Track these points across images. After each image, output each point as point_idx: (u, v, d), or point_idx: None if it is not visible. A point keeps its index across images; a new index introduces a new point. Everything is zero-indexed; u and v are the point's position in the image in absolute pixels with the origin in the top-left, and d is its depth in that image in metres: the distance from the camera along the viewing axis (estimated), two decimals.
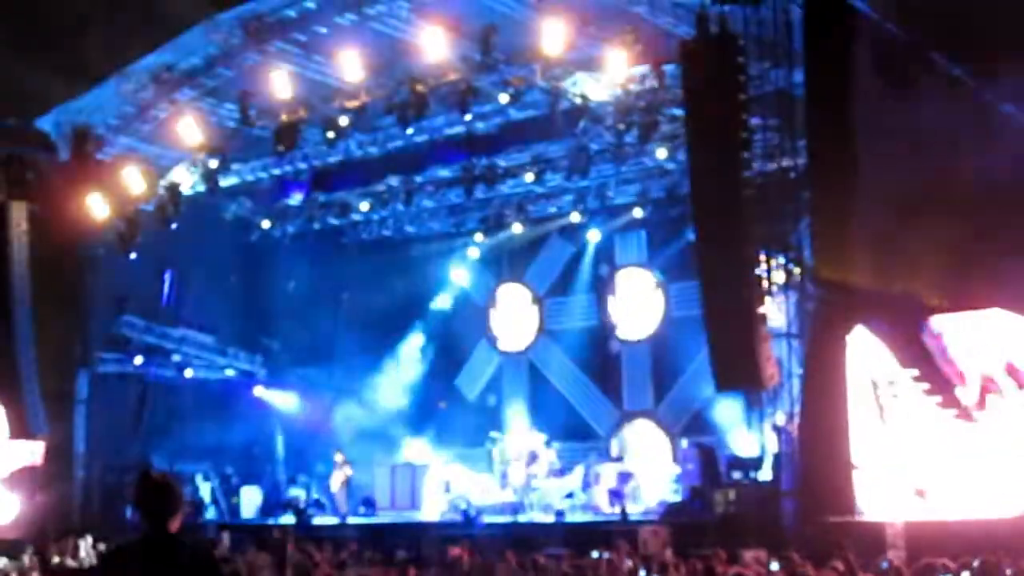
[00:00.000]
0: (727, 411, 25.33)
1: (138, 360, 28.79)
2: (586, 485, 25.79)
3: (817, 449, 19.17)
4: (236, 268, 31.15)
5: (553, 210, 29.22)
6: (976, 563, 11.87)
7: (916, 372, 18.91)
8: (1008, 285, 18.16)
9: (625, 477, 25.24)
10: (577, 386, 29.88)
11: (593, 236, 29.32)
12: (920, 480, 18.50)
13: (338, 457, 27.95)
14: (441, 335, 31.80)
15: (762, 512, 19.61)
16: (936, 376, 18.80)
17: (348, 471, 27.79)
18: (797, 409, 19.54)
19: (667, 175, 26.16)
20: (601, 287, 29.81)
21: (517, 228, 29.69)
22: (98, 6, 22.68)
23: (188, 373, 29.93)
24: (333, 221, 30.34)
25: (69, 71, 23.82)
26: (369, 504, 27.62)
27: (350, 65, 22.44)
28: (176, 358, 29.75)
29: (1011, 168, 18.25)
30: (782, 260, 20.03)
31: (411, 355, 31.53)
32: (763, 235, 19.53)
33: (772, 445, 20.52)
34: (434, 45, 21.44)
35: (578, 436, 28.85)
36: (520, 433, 28.61)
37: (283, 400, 31.57)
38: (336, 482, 27.78)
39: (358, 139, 25.65)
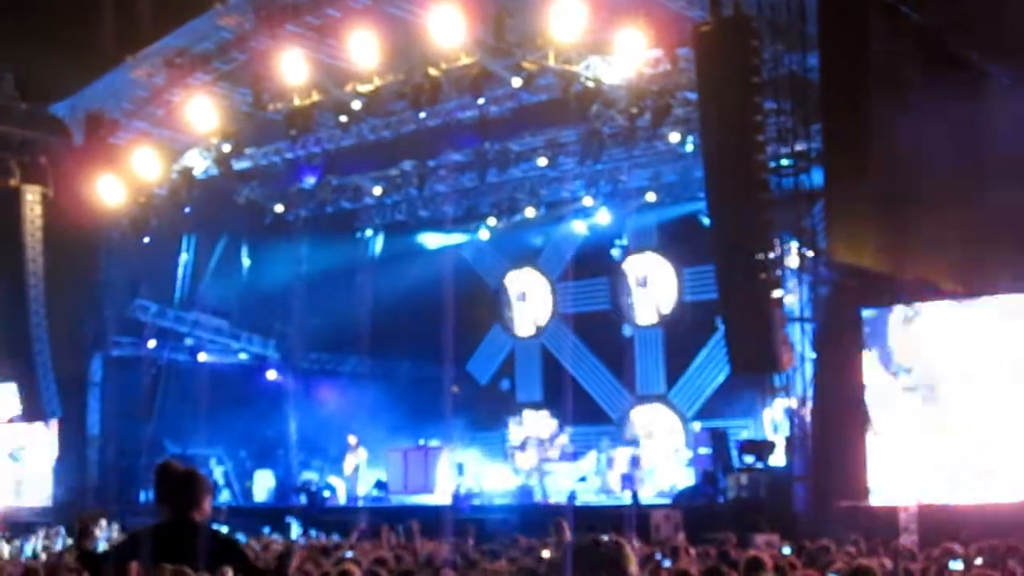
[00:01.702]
0: (740, 395, 25.31)
1: (151, 343, 28.85)
2: (599, 469, 25.82)
3: (830, 433, 19.17)
4: (249, 252, 31.21)
5: (566, 194, 29.20)
6: (990, 547, 11.84)
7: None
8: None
9: (638, 461, 25.26)
10: (590, 370, 29.90)
11: (606, 220, 29.29)
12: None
13: (351, 440, 27.98)
14: (454, 319, 31.77)
15: (774, 496, 19.61)
16: None
17: (362, 454, 27.83)
18: (810, 393, 19.51)
19: (680, 159, 26.10)
20: (614, 271, 29.80)
21: (530, 212, 29.69)
22: None
23: (201, 357, 29.98)
24: (346, 205, 30.37)
25: (83, 57, 23.83)
26: (381, 487, 27.70)
27: (363, 49, 22.37)
28: (189, 342, 29.82)
29: None
30: (796, 244, 19.99)
31: (423, 339, 31.53)
32: (777, 219, 19.47)
33: (785, 429, 20.50)
34: (447, 29, 21.38)
35: (591, 420, 28.86)
36: (533, 417, 28.63)
37: (296, 384, 31.62)
38: (349, 465, 27.83)
39: (371, 123, 25.60)
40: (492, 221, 30.80)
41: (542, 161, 26.88)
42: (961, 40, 19.57)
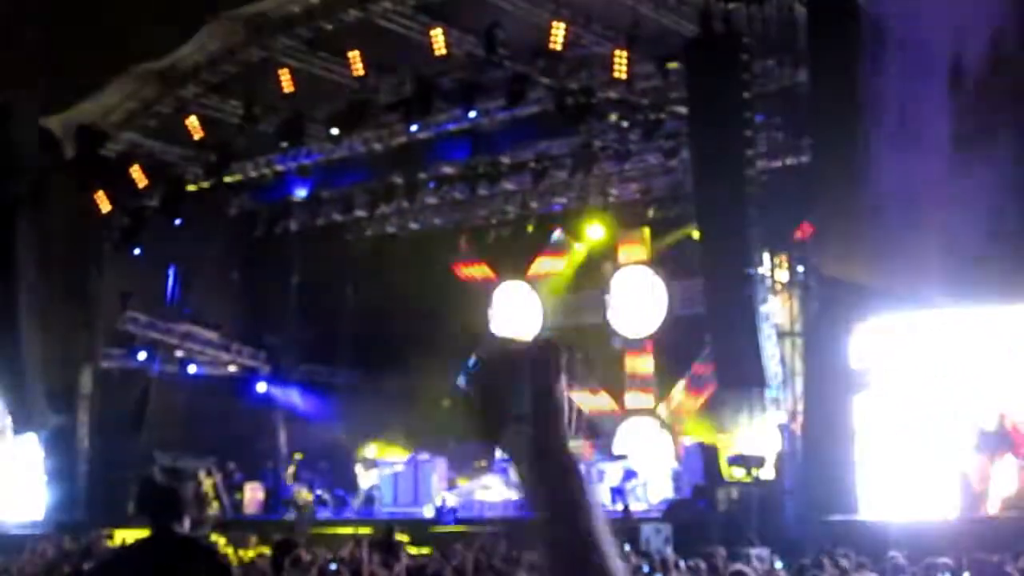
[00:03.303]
0: (730, 409, 25.29)
1: (142, 356, 28.82)
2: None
3: (820, 447, 19.19)
4: (240, 264, 31.19)
5: (557, 207, 29.19)
6: (978, 562, 11.86)
7: None
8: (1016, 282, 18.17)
9: (628, 475, 25.24)
10: (580, 384, 29.82)
11: (596, 233, 29.26)
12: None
13: (368, 452, 27.77)
14: (444, 332, 31.77)
15: (765, 510, 19.61)
16: None
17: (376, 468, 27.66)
18: (800, 407, 19.53)
19: (671, 173, 26.13)
20: (605, 284, 29.79)
21: (520, 225, 29.69)
22: (105, 6, 22.66)
23: (192, 369, 29.94)
24: (337, 217, 30.33)
25: (74, 69, 23.81)
26: (371, 500, 27.66)
27: (354, 61, 22.43)
28: (180, 354, 29.78)
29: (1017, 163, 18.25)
30: (786, 258, 20.03)
31: (415, 351, 31.52)
32: (767, 233, 19.52)
33: (775, 443, 20.52)
34: (438, 42, 21.43)
35: (581, 434, 28.81)
36: None
37: (286, 396, 31.58)
38: (368, 478, 27.67)
39: (362, 135, 25.64)
40: (483, 234, 30.80)
41: (533, 174, 26.88)
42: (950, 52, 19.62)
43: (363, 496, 27.92)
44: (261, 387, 31.53)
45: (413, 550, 18.27)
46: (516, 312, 31.54)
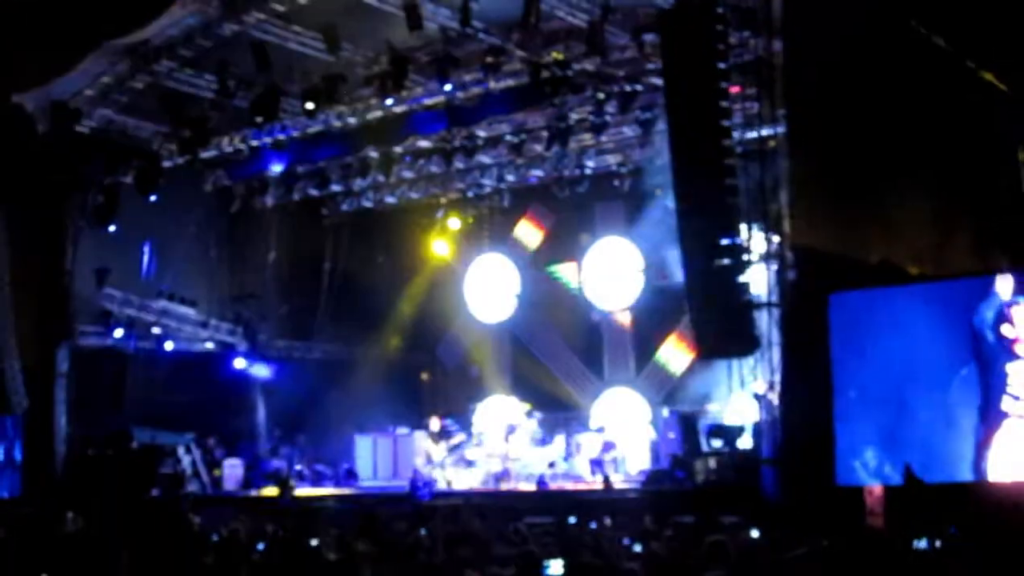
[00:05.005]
0: (708, 380, 25.38)
1: (118, 333, 28.71)
2: (568, 455, 25.90)
3: (797, 417, 19.24)
4: (216, 240, 31.06)
5: (533, 180, 29.17)
6: (954, 529, 11.93)
7: None
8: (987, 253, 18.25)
9: (607, 446, 25.33)
10: (558, 356, 29.95)
11: (574, 206, 29.25)
12: None
13: (435, 425, 27.49)
14: (422, 306, 31.82)
15: (742, 480, 19.70)
16: None
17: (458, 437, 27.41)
18: (777, 378, 19.58)
19: (647, 144, 26.11)
20: (582, 257, 29.83)
21: (497, 198, 29.65)
22: None
23: (169, 345, 29.83)
24: (313, 192, 30.24)
25: (47, 45, 23.61)
26: (351, 475, 27.69)
27: (329, 35, 22.32)
28: (156, 330, 29.66)
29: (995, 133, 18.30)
30: (762, 229, 20.02)
31: (392, 326, 31.53)
32: (743, 204, 19.52)
33: (753, 414, 20.59)
34: (413, 15, 21.32)
35: (560, 406, 28.91)
36: (501, 403, 28.65)
37: (264, 371, 31.50)
38: (438, 452, 27.64)
39: (337, 109, 25.54)
40: (459, 207, 30.78)
41: (509, 147, 26.85)
42: (927, 24, 19.63)
43: (343, 471, 27.98)
44: (239, 363, 31.44)
45: None
46: (492, 284, 31.58)
